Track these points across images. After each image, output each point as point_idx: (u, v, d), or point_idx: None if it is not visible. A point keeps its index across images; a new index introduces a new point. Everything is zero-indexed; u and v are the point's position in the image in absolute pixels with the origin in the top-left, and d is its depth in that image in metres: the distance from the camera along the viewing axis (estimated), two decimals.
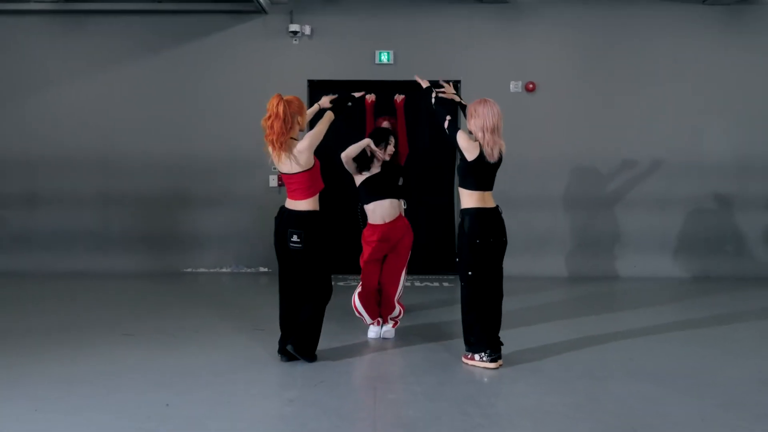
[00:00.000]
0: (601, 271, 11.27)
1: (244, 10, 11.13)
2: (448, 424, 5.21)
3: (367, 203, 7.45)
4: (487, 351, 6.52)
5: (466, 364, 6.63)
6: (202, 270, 11.34)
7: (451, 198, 11.34)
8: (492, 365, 6.50)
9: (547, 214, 11.28)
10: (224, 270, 11.35)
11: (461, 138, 6.58)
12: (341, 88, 10.88)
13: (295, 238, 6.41)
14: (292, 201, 6.54)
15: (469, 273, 6.55)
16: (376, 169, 7.52)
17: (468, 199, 6.59)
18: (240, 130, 10.94)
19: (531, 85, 11.23)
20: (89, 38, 11.36)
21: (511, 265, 8.82)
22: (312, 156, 6.44)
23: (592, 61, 11.31)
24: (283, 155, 6.38)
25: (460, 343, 6.93)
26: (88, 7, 11.18)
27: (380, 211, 7.38)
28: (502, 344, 6.71)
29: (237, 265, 11.35)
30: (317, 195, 6.56)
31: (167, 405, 5.51)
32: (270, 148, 6.44)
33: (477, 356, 6.56)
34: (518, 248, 10.20)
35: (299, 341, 6.55)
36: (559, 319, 8.46)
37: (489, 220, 6.56)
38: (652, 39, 11.29)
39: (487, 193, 6.61)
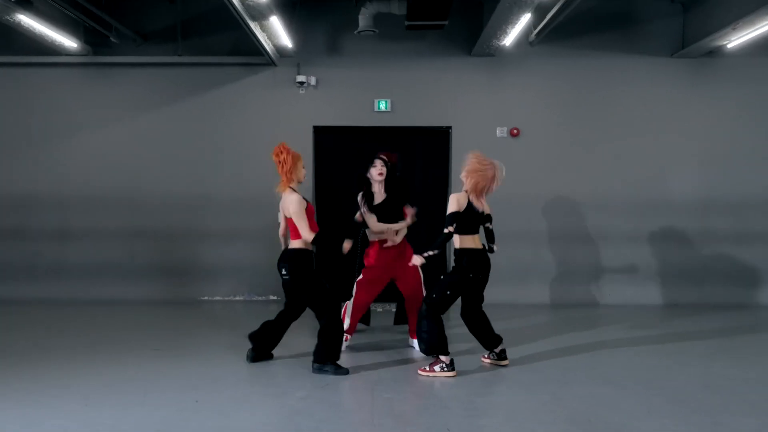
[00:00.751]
0: (579, 298, 11.77)
1: (255, 63, 11.60)
2: (433, 414, 6.06)
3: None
4: (445, 362, 7.27)
5: (422, 375, 7.29)
6: (217, 298, 11.84)
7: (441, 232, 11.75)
8: (450, 374, 7.22)
9: (530, 246, 11.72)
10: (238, 298, 11.84)
11: (452, 201, 7.26)
12: (344, 134, 11.67)
13: (283, 271, 7.29)
14: (291, 240, 7.42)
15: (448, 292, 7.33)
16: (380, 197, 8.11)
17: (463, 240, 7.33)
18: (251, 171, 11.46)
19: (515, 131, 11.70)
20: (115, 88, 11.84)
21: (498, 292, 9.51)
22: (296, 211, 7.18)
23: (570, 109, 11.78)
24: (283, 196, 7.31)
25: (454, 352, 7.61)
26: (114, 60, 11.71)
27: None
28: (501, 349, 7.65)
29: (249, 294, 11.85)
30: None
31: (197, 401, 6.36)
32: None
33: (437, 367, 7.27)
34: (505, 277, 10.84)
35: (320, 350, 7.32)
36: (537, 338, 9.16)
37: (481, 260, 7.36)
38: (624, 88, 11.74)
39: (476, 236, 7.39)
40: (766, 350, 8.69)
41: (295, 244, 7.30)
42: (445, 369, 7.28)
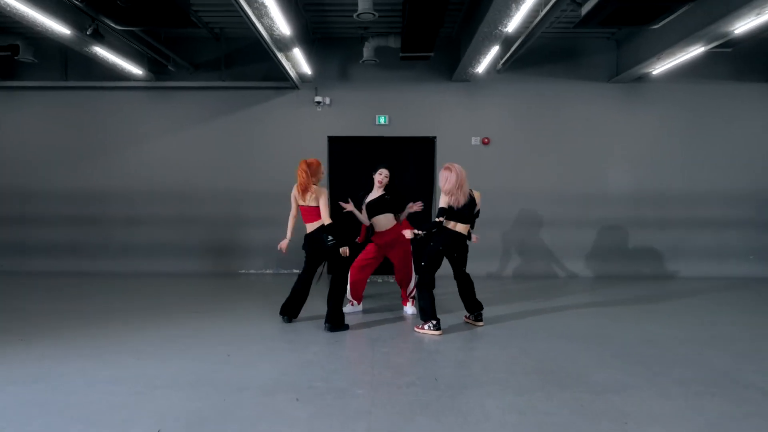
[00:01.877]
0: (537, 272, 11.33)
1: (282, 87, 11.25)
2: (423, 365, 5.53)
3: (371, 218, 7.65)
4: (433, 322, 6.79)
5: (417, 332, 6.84)
6: (252, 271, 11.42)
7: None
8: (437, 333, 6.74)
9: (498, 230, 11.30)
10: (268, 271, 11.40)
11: (442, 199, 6.82)
12: (352, 143, 11.22)
13: (329, 238, 6.81)
14: (309, 224, 7.00)
15: (422, 263, 6.87)
16: (377, 193, 7.66)
17: (447, 222, 6.88)
18: (279, 171, 10.95)
19: (486, 140, 11.32)
20: (172, 106, 11.47)
21: (475, 267, 9.02)
22: (322, 203, 6.86)
23: (529, 122, 11.40)
24: (307, 195, 6.87)
25: (442, 317, 7.20)
26: (171, 84, 11.30)
27: (376, 224, 7.64)
28: (482, 312, 7.19)
29: (277, 268, 11.41)
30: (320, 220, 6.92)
31: (228, 355, 5.82)
32: (298, 190, 6.95)
33: (426, 326, 6.80)
34: (479, 255, 10.31)
35: (333, 320, 6.88)
36: (504, 303, 8.65)
37: (453, 239, 6.87)
38: (571, 106, 11.37)
39: (461, 225, 6.88)
40: (687, 313, 8.14)
41: (313, 225, 6.96)
42: (432, 328, 6.78)
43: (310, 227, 6.97)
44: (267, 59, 10.74)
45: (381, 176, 7.58)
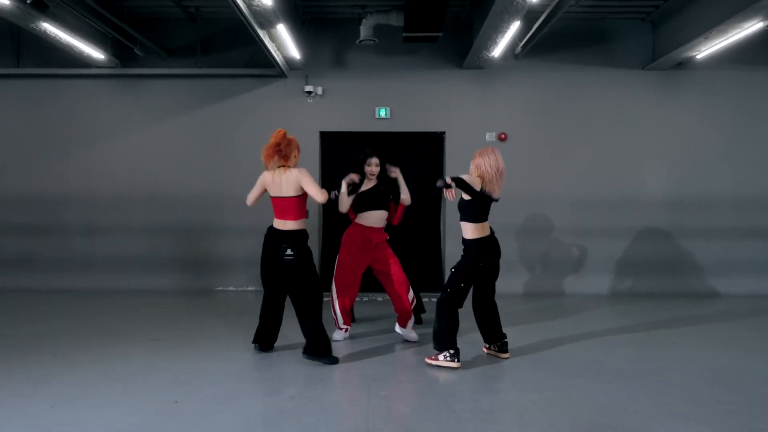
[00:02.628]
0: (559, 288, 10.30)
1: (267, 75, 10.40)
2: (436, 417, 4.22)
3: (360, 212, 6.61)
4: (451, 351, 5.53)
5: (430, 364, 5.60)
6: (231, 288, 10.45)
7: (437, 229, 10.59)
8: (454, 364, 5.49)
9: (513, 240, 10.33)
10: (250, 288, 10.42)
11: (471, 179, 5.65)
12: (348, 139, 10.58)
13: (288, 251, 5.58)
14: (282, 221, 5.76)
15: (462, 285, 5.61)
16: (369, 184, 6.71)
17: (473, 230, 5.71)
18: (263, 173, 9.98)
19: (503, 135, 10.40)
20: (141, 97, 10.52)
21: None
22: (304, 189, 5.75)
23: (551, 116, 10.49)
24: (283, 180, 5.73)
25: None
26: (140, 72, 10.43)
27: (367, 219, 6.56)
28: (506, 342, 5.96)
29: (260, 285, 10.25)
30: (304, 219, 5.80)
31: (176, 402, 4.52)
32: (271, 170, 5.91)
33: (441, 356, 5.53)
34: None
35: (314, 346, 5.62)
36: (529, 326, 7.42)
37: (490, 247, 5.74)
38: (600, 98, 10.49)
39: (485, 224, 5.78)
40: (754, 340, 6.82)
41: (296, 225, 5.74)
42: (449, 358, 5.49)
43: (282, 226, 5.75)
44: (250, 43, 9.84)
45: (372, 166, 6.65)
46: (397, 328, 6.74)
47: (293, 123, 10.18)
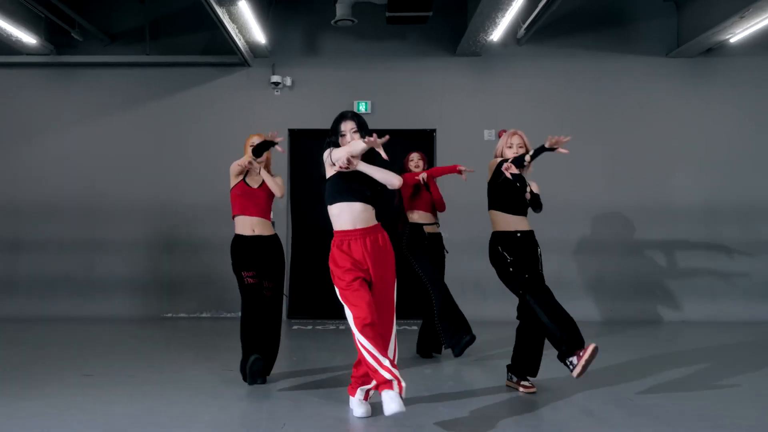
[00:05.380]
0: (575, 313, 9.39)
1: (228, 63, 10.07)
2: None
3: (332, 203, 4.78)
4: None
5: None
6: (182, 315, 9.95)
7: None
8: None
9: None
10: (204, 315, 9.93)
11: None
12: (321, 137, 9.63)
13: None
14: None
15: (510, 270, 5.27)
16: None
17: (498, 221, 5.51)
18: (223, 177, 9.40)
19: (503, 134, 9.78)
20: (79, 89, 10.30)
21: (487, 308, 8.87)
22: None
23: (561, 111, 10.11)
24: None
25: (448, 380, 5.33)
26: (78, 60, 10.08)
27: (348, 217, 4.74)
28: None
29: (218, 310, 9.96)
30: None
31: None
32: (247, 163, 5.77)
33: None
34: (495, 292, 8.75)
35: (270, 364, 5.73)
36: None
37: (513, 242, 5.38)
38: (618, 90, 10.17)
39: (510, 216, 5.45)
40: None
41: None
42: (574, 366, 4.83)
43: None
44: (207, 26, 9.59)
45: (346, 137, 4.83)
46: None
47: (258, 119, 10.00)
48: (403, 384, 4.05)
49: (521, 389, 5.32)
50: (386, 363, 4.11)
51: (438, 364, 6.41)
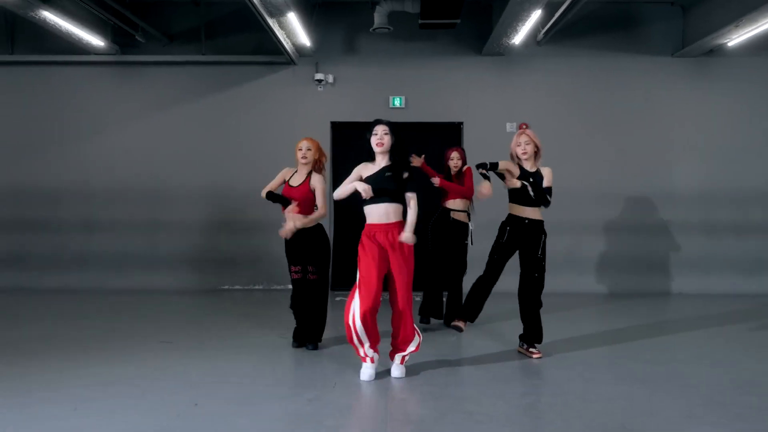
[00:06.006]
0: (584, 287, 10.64)
1: (276, 62, 10.74)
2: (451, 423, 4.67)
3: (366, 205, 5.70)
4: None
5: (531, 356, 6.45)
6: (237, 287, 10.82)
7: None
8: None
9: None
10: (257, 287, 10.80)
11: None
12: (360, 129, 10.25)
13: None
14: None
15: (495, 256, 6.60)
16: (375, 166, 5.75)
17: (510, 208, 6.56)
18: (272, 165, 9.88)
19: (524, 126, 10.23)
20: (142, 86, 10.95)
21: (505, 282, 8.39)
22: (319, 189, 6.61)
23: (575, 105, 10.87)
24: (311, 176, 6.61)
25: (468, 346, 6.71)
26: (140, 59, 10.79)
27: (376, 214, 5.64)
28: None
29: (268, 282, 10.80)
30: None
31: (196, 404, 5.00)
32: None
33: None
34: (509, 268, 9.27)
35: (319, 333, 6.76)
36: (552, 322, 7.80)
37: (516, 226, 6.47)
38: (627, 86, 10.83)
39: (518, 206, 6.48)
40: None
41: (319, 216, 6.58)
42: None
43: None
44: (257, 28, 10.26)
45: (378, 136, 5.65)
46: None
47: (303, 112, 10.71)
48: (375, 359, 5.71)
49: (530, 355, 6.45)
50: (365, 348, 5.64)
51: (463, 333, 7.33)
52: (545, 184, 6.39)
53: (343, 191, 5.72)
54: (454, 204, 7.75)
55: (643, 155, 10.78)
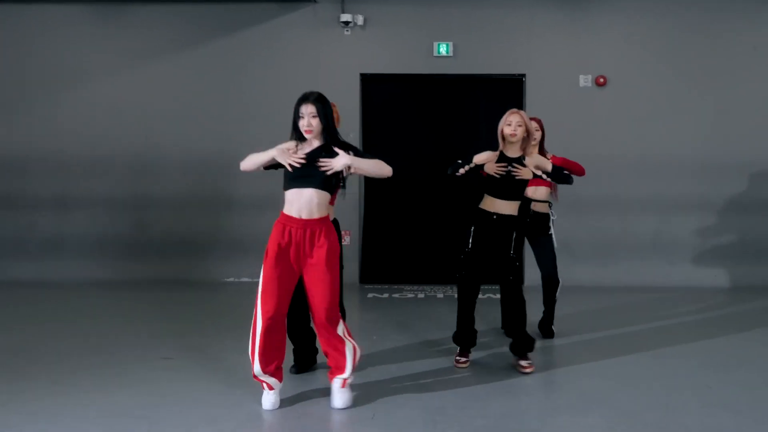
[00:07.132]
0: (675, 280, 9.67)
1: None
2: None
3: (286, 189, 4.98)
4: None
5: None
6: (245, 279, 9.80)
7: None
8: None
9: (616, 217, 9.88)
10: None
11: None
12: (396, 82, 10.39)
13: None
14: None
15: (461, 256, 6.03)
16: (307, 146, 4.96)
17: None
18: (287, 127, 9.30)
19: (602, 80, 9.87)
20: (128, 29, 10.15)
21: (577, 272, 8.73)
22: None
23: (668, 54, 9.80)
24: None
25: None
26: None
27: (297, 203, 4.88)
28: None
29: None
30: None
31: None
32: None
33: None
34: (585, 255, 9.59)
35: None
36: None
37: (482, 221, 5.90)
38: (731, 30, 9.79)
39: (491, 199, 5.88)
40: None
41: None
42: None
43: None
44: None
45: (305, 121, 4.85)
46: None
47: (325, 63, 10.10)
48: (266, 386, 4.66)
49: (521, 369, 5.72)
50: (257, 368, 4.58)
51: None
52: (542, 168, 5.87)
53: (254, 161, 4.97)
54: (535, 193, 6.70)
55: (751, 118, 9.81)
